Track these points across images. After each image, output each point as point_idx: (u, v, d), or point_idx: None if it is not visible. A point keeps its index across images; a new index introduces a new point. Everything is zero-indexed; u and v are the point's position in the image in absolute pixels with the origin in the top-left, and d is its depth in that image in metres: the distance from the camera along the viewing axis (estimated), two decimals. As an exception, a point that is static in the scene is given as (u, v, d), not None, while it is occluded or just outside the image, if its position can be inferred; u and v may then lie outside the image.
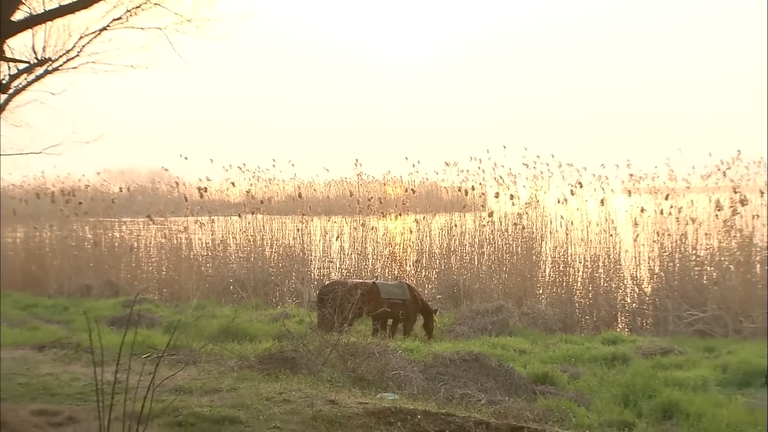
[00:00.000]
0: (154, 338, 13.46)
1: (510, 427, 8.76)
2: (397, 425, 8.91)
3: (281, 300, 24.35)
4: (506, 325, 18.93)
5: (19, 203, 29.20)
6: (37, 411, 9.12)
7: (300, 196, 28.19)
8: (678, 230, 22.22)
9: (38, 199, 29.32)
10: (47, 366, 12.21)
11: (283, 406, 9.51)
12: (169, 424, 8.64)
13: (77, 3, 10.79)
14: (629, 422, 10.41)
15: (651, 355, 15.43)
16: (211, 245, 26.93)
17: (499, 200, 24.83)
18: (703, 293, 20.96)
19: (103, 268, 27.29)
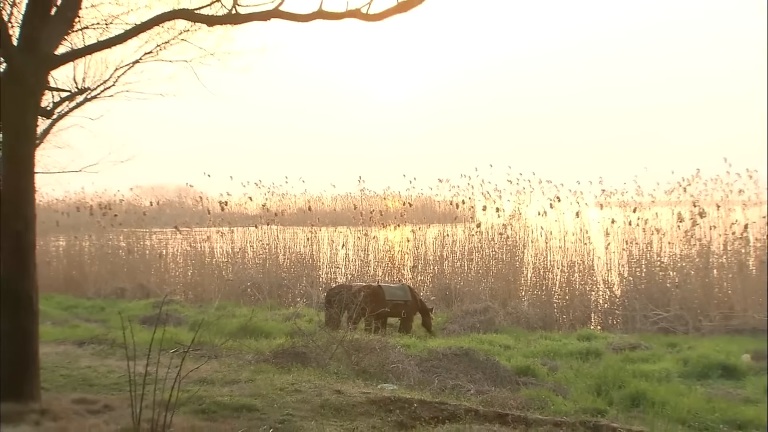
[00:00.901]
0: (180, 335, 13.46)
1: (496, 414, 8.75)
2: (395, 412, 8.90)
3: (293, 301, 24.34)
4: (492, 323, 18.93)
5: (61, 216, 29.22)
6: (77, 400, 9.13)
7: (309, 209, 28.27)
8: (644, 239, 22.25)
9: (78, 212, 29.37)
10: (86, 360, 12.21)
11: (295, 395, 9.52)
12: (193, 412, 8.65)
13: (113, 39, 10.82)
14: (601, 410, 10.41)
15: (621, 350, 15.43)
16: (230, 253, 26.92)
17: (486, 213, 24.86)
18: (667, 295, 20.96)
19: (136, 273, 27.31)
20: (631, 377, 11.96)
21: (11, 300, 9.09)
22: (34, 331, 9.21)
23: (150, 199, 33.34)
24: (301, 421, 8.48)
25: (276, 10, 10.07)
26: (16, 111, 9.31)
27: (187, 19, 10.80)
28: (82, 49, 10.70)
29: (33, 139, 9.74)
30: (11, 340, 9.01)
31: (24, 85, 9.23)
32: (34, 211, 9.50)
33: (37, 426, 8.00)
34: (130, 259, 28.11)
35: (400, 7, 10.06)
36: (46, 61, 9.46)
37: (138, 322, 15.68)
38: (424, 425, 8.37)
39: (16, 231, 9.16)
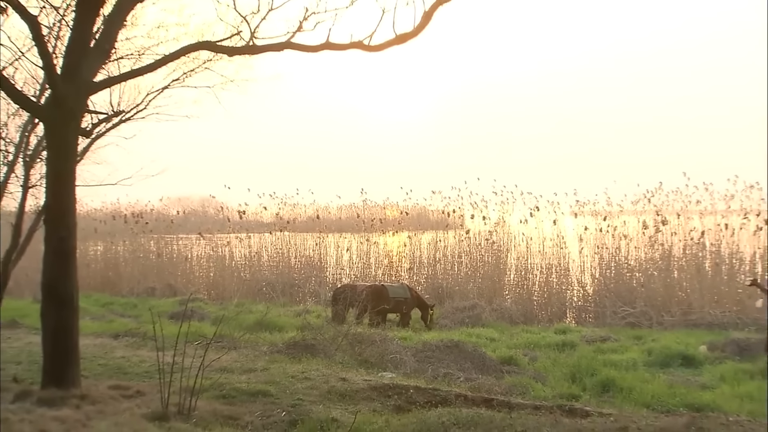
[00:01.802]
0: (203, 329, 13.48)
1: (483, 399, 8.75)
2: (394, 397, 8.91)
3: (303, 299, 24.36)
4: (479, 318, 18.97)
5: (99, 223, 29.25)
6: (112, 386, 9.14)
7: (318, 218, 28.26)
8: (613, 244, 22.32)
9: (114, 220, 29.40)
10: (120, 351, 12.23)
11: (305, 382, 9.52)
12: (215, 397, 8.66)
13: (145, 67, 10.85)
14: (576, 395, 10.44)
15: (592, 342, 15.45)
16: (248, 256, 26.98)
17: (474, 221, 24.95)
18: (633, 293, 21.02)
19: (164, 274, 27.34)
20: (602, 366, 11.99)
21: (55, 298, 9.12)
22: (75, 325, 9.23)
23: (177, 209, 33.48)
24: (310, 405, 8.49)
25: (288, 42, 10.11)
26: (59, 132, 9.35)
27: (210, 50, 10.84)
28: (117, 76, 10.74)
29: (74, 156, 9.77)
30: (55, 334, 9.04)
31: (66, 109, 9.26)
32: (75, 219, 9.52)
33: (77, 409, 8.00)
34: (160, 261, 28.13)
35: (398, 39, 10.11)
36: (85, 88, 9.49)
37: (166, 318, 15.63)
38: (419, 409, 8.37)
39: (60, 237, 9.19)
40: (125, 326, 15.43)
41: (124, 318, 18.69)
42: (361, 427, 7.67)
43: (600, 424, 7.47)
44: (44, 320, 9.21)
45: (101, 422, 7.47)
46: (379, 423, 7.82)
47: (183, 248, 28.89)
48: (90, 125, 12.98)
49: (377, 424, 7.80)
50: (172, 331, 8.66)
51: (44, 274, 9.25)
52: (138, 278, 27.37)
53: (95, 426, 7.32)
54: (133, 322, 16.94)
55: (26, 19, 9.29)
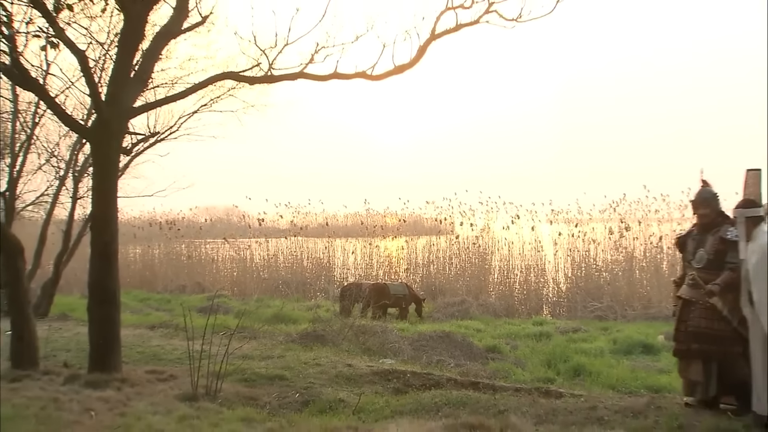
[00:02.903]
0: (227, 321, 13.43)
1: (470, 382, 8.73)
2: (393, 381, 8.89)
3: (314, 295, 24.28)
4: (467, 312, 18.90)
5: (137, 230, 29.26)
6: (149, 371, 9.13)
7: (327, 224, 28.21)
8: (583, 248, 22.27)
9: (150, 226, 29.40)
10: (156, 340, 12.22)
11: (316, 368, 9.50)
12: (238, 380, 8.64)
13: (177, 95, 10.87)
14: (551, 378, 10.40)
15: (565, 333, 15.40)
16: (266, 258, 26.93)
17: (462, 227, 24.88)
18: (600, 290, 20.98)
19: (194, 274, 27.32)
20: (574, 353, 11.95)
21: (99, 294, 9.12)
22: (117, 318, 9.23)
23: (204, 217, 33.40)
24: (320, 387, 8.47)
25: (301, 72, 10.13)
26: (104, 150, 9.36)
27: (233, 79, 10.86)
28: (153, 102, 10.77)
29: (116, 171, 9.79)
30: (99, 325, 9.04)
31: (109, 131, 9.27)
32: (116, 226, 9.53)
33: (118, 390, 7.99)
34: (190, 262, 28.11)
35: (396, 70, 10.14)
36: (126, 112, 9.51)
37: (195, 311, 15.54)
38: (415, 391, 8.36)
39: (104, 241, 9.19)
40: (160, 319, 15.42)
41: (159, 312, 18.67)
42: (364, 407, 7.66)
43: (572, 403, 7.46)
44: (90, 313, 9.22)
45: (139, 402, 7.46)
46: (380, 403, 7.81)
47: (210, 251, 28.87)
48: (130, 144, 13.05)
49: (378, 404, 7.78)
50: (201, 323, 8.64)
51: (90, 274, 9.25)
52: (171, 277, 27.37)
53: (134, 405, 7.31)
54: (166, 315, 16.91)
55: (76, 53, 9.31)
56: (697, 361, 7.06)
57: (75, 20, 9.54)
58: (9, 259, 9.75)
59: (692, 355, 7.11)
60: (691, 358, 7.15)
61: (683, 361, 7.30)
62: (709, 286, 6.95)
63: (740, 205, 6.86)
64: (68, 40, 8.98)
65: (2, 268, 9.89)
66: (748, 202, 6.87)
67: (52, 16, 7.94)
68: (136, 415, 6.85)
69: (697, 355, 7.05)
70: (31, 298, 10.42)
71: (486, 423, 6.63)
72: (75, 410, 7.10)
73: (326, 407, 7.69)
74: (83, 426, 6.54)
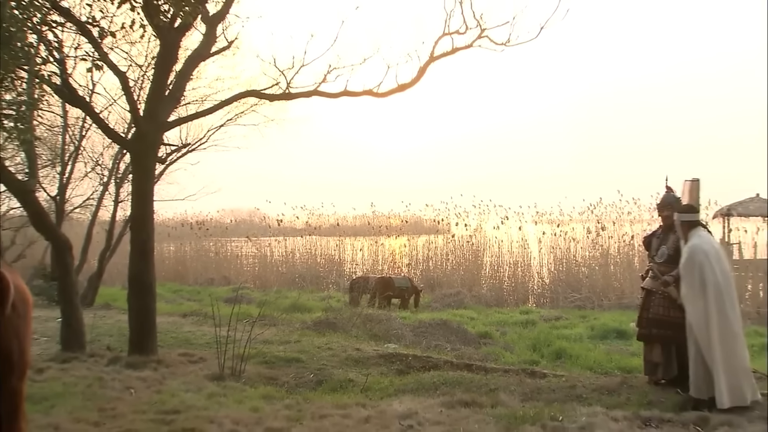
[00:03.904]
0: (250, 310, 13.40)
1: (465, 364, 8.72)
2: (396, 363, 8.89)
3: (327, 287, 24.20)
4: (462, 302, 18.85)
5: (171, 229, 29.22)
6: (181, 353, 9.15)
7: (338, 225, 28.17)
8: (564, 245, 22.22)
9: (182, 227, 29.31)
10: (187, 327, 12.23)
11: (328, 351, 9.50)
12: (259, 362, 8.65)
13: (206, 110, 10.90)
14: (536, 361, 10.37)
15: (549, 320, 15.34)
16: (284, 254, 26.89)
17: (458, 227, 24.88)
18: (580, 283, 20.92)
19: (220, 268, 27.30)
20: (556, 339, 11.93)
21: (138, 286, 9.15)
22: (153, 307, 9.25)
23: (230, 218, 33.41)
24: (332, 369, 8.48)
25: (315, 90, 10.14)
26: (142, 159, 9.39)
27: (255, 97, 10.88)
28: (185, 117, 10.79)
29: (152, 178, 9.82)
30: (138, 314, 9.06)
31: (147, 142, 9.30)
32: (153, 226, 9.55)
33: (155, 371, 8.01)
34: (217, 258, 28.09)
35: (399, 88, 10.14)
36: (162, 126, 9.54)
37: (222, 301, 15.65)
38: (416, 372, 8.35)
39: (142, 239, 9.22)
40: (191, 308, 15.42)
41: (190, 302, 18.67)
42: (371, 386, 7.66)
43: (554, 383, 7.46)
44: (130, 303, 9.24)
45: (173, 381, 7.48)
46: (385, 383, 7.81)
47: (234, 248, 28.86)
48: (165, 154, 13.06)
49: (384, 383, 7.79)
50: (227, 312, 8.65)
51: (130, 268, 9.28)
52: (200, 271, 27.35)
53: (169, 384, 7.33)
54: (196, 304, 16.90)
55: (118, 74, 9.35)
56: (657, 345, 7.14)
57: (117, 45, 9.60)
58: (59, 255, 9.79)
59: (653, 339, 7.21)
60: (652, 342, 7.23)
61: (646, 345, 7.40)
62: (665, 277, 7.08)
63: (679, 210, 6.99)
64: (111, 63, 9.02)
65: (54, 263, 9.93)
66: (686, 208, 7.00)
67: (97, 42, 7.97)
68: (171, 392, 6.88)
69: (657, 339, 7.13)
70: (78, 290, 10.45)
71: (478, 400, 6.64)
72: (117, 388, 7.14)
73: (337, 386, 7.70)
74: (124, 402, 6.57)
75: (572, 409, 6.25)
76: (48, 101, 10.01)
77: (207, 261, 28.18)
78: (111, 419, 5.93)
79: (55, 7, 7.29)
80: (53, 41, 7.40)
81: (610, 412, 6.08)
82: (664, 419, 5.90)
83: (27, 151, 10.16)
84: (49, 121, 14.34)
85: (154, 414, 6.08)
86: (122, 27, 6.35)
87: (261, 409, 6.36)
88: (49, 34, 6.70)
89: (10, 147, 9.13)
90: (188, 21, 8.78)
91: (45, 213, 10.14)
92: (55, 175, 15.47)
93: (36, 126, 9.71)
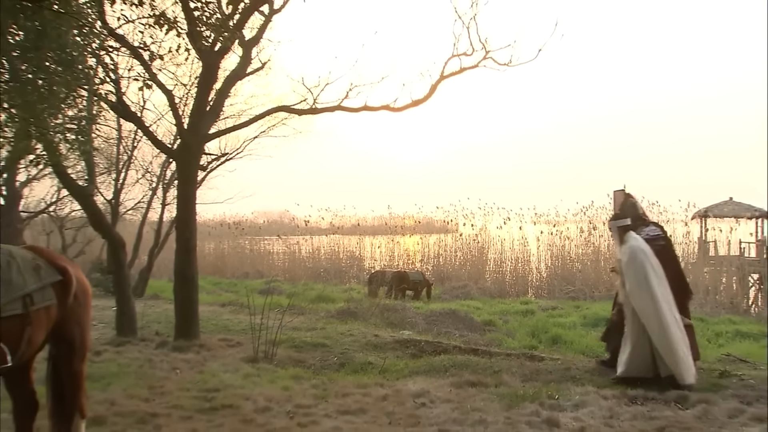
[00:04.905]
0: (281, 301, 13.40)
1: (471, 349, 8.68)
2: (411, 348, 8.87)
3: (348, 280, 24.24)
4: (469, 294, 18.83)
5: (211, 229, 29.38)
6: (221, 339, 9.19)
7: (358, 225, 28.26)
8: (560, 243, 22.16)
9: (221, 226, 29.49)
10: (226, 315, 12.28)
11: (350, 337, 9.51)
12: (289, 347, 8.66)
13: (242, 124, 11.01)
14: (535, 346, 10.34)
15: (546, 310, 15.27)
16: (311, 251, 26.97)
17: (465, 227, 24.89)
18: (574, 276, 20.89)
19: (254, 263, 27.39)
20: (552, 326, 11.89)
21: (182, 279, 9.22)
22: (196, 297, 9.32)
23: (263, 219, 33.56)
24: (354, 353, 8.49)
25: (338, 105, 10.18)
26: (186, 167, 9.46)
27: (286, 111, 10.93)
28: (224, 130, 10.86)
29: (195, 183, 9.88)
30: (183, 304, 9.14)
31: (190, 152, 9.37)
32: (195, 225, 9.62)
33: (197, 354, 8.07)
34: (251, 254, 28.23)
35: (413, 103, 10.16)
36: (203, 138, 9.61)
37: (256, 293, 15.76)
38: (428, 356, 8.34)
39: (186, 238, 9.29)
40: (229, 299, 15.50)
41: (228, 293, 18.76)
42: (388, 368, 7.67)
43: (551, 365, 7.42)
44: (176, 294, 9.32)
45: (213, 363, 7.53)
46: (401, 365, 7.81)
47: (267, 246, 28.98)
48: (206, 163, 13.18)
49: (399, 366, 7.79)
50: (260, 302, 8.70)
51: (175, 263, 9.35)
52: (237, 266, 27.47)
53: (210, 365, 7.38)
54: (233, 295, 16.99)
55: (165, 92, 9.45)
56: None
57: (165, 67, 9.68)
58: (114, 252, 9.91)
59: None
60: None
61: None
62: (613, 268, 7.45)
63: (611, 218, 7.21)
64: (159, 83, 9.11)
65: (109, 258, 10.03)
66: (616, 216, 7.20)
67: (147, 64, 8.06)
68: (211, 373, 6.93)
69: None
70: (130, 282, 10.56)
71: (484, 380, 6.63)
72: (165, 368, 7.21)
73: (358, 368, 7.71)
74: (171, 381, 6.63)
75: (567, 388, 6.26)
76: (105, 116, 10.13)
77: (243, 257, 28.33)
78: (159, 396, 6.00)
79: (111, 34, 7.39)
80: (110, 64, 7.48)
81: (600, 391, 6.08)
82: (648, 397, 5.90)
83: (86, 161, 10.27)
84: (106, 134, 14.47)
85: (197, 391, 6.13)
86: (169, 51, 6.40)
87: (291, 388, 6.39)
88: (106, 58, 6.77)
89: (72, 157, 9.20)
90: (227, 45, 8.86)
91: (102, 214, 10.26)
92: (110, 181, 15.63)
93: (94, 138, 9.80)
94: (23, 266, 3.53)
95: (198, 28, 6.65)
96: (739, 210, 20.27)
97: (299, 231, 28.45)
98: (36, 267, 3.61)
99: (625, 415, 5.38)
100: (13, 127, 5.65)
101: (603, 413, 5.44)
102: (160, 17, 5.76)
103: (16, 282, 3.44)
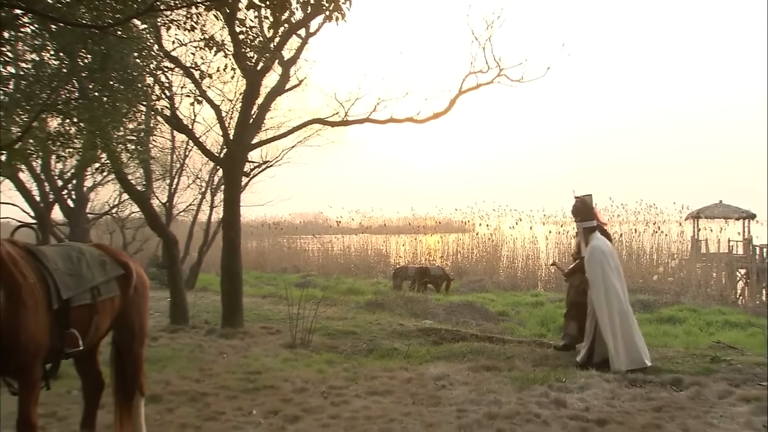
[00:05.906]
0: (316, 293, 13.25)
1: (487, 337, 8.62)
2: (432, 336, 8.84)
3: (376, 275, 24.16)
4: (485, 287, 18.65)
5: (254, 229, 29.44)
6: (262, 327, 9.26)
7: (385, 225, 28.22)
8: (566, 242, 21.82)
9: (262, 227, 29.57)
10: (266, 306, 12.36)
11: (377, 326, 9.51)
12: (323, 334, 8.69)
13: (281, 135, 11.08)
14: (544, 334, 10.24)
15: (554, 302, 15.00)
16: (342, 248, 26.97)
17: (481, 227, 24.69)
18: (580, 272, 20.57)
19: (292, 259, 27.42)
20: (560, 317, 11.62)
21: (228, 273, 9.32)
22: (240, 290, 9.42)
23: (299, 220, 33.68)
24: (381, 340, 8.49)
25: (367, 118, 10.19)
26: (231, 174, 9.57)
27: (320, 123, 10.96)
28: (265, 140, 10.95)
29: (239, 188, 9.99)
30: (229, 296, 9.23)
31: (235, 160, 9.48)
32: (240, 226, 9.72)
33: (242, 340, 8.15)
34: (289, 251, 28.31)
35: (434, 116, 10.13)
36: (247, 147, 9.70)
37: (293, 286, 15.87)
38: (448, 342, 8.30)
39: (231, 237, 9.39)
40: (269, 291, 15.59)
41: (268, 286, 18.84)
42: (412, 354, 7.65)
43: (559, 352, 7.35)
44: (222, 287, 9.42)
45: (256, 348, 7.60)
46: (423, 351, 7.79)
47: (303, 244, 29.05)
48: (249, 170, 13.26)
49: (422, 352, 7.76)
50: (297, 294, 8.75)
51: (222, 259, 9.45)
52: (276, 261, 27.57)
53: (252, 350, 7.45)
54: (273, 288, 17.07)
55: (213, 107, 9.59)
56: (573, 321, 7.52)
57: (213, 85, 9.83)
58: (168, 249, 10.05)
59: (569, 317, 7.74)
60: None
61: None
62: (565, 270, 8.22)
63: (579, 220, 7.47)
64: (208, 99, 9.24)
65: (164, 255, 10.18)
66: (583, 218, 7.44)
67: (198, 82, 8.17)
68: (254, 357, 7.00)
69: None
70: (182, 276, 10.70)
71: (498, 365, 6.59)
72: (213, 353, 7.30)
73: (385, 353, 7.70)
74: (218, 364, 6.71)
75: (573, 372, 6.25)
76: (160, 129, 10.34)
77: (281, 254, 28.45)
78: (208, 377, 6.08)
79: (167, 56, 7.52)
80: (165, 82, 7.61)
81: (603, 375, 6.10)
82: (646, 380, 5.93)
83: (144, 168, 10.44)
84: (161, 145, 14.70)
85: (242, 374, 6.19)
86: (217, 70, 6.49)
87: (325, 371, 6.42)
88: (162, 77, 6.89)
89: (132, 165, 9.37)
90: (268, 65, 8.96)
91: (157, 216, 10.42)
92: (165, 186, 15.85)
93: (151, 148, 9.95)
94: (91, 262, 3.61)
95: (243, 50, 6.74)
96: (728, 212, 20.50)
97: (332, 230, 28.48)
98: (102, 263, 3.69)
99: (625, 396, 5.41)
100: (81, 139, 5.79)
101: (605, 395, 5.47)
102: (210, 41, 5.86)
103: (86, 276, 3.51)
